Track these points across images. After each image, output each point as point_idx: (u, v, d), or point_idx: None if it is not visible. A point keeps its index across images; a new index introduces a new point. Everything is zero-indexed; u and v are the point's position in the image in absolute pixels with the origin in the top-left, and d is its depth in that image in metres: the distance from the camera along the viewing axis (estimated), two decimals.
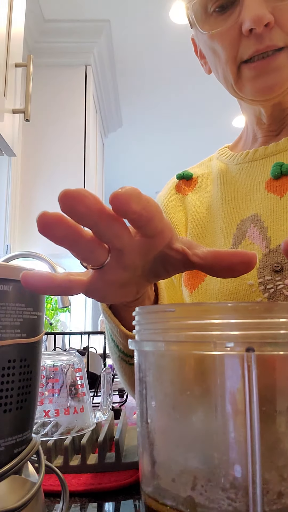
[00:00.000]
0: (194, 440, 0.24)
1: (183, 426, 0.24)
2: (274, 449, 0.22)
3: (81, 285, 0.32)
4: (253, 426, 0.20)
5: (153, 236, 0.32)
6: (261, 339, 0.22)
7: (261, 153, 0.62)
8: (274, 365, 0.23)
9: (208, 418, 0.23)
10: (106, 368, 0.66)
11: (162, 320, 0.25)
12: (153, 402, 0.25)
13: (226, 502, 0.21)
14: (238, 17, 0.53)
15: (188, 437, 0.24)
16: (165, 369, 0.26)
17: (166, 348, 0.24)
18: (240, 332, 0.22)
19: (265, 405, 0.21)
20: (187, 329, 0.23)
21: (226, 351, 0.22)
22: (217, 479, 0.22)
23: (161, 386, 0.26)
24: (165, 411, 0.25)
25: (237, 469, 0.21)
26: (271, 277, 0.54)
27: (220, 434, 0.22)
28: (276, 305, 0.23)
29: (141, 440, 0.25)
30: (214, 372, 0.23)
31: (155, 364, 0.26)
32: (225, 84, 0.60)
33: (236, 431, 0.22)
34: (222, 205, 0.64)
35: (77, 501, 0.39)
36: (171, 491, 0.23)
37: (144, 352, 0.26)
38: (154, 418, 0.25)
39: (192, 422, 0.24)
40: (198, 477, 0.22)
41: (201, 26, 0.57)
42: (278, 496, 0.21)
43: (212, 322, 0.22)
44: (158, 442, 0.24)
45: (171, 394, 0.25)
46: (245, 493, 0.21)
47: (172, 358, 0.25)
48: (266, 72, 0.54)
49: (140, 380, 0.26)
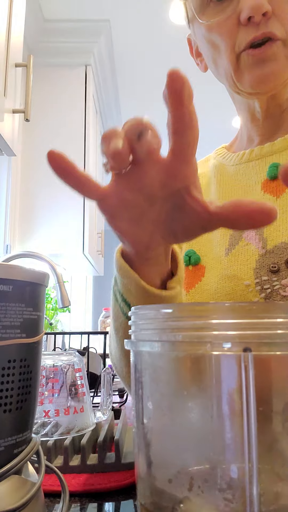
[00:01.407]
0: (191, 441, 0.24)
1: (180, 426, 0.24)
2: (270, 449, 0.22)
3: (98, 189, 0.34)
4: (250, 426, 0.20)
5: (180, 159, 0.33)
6: (258, 339, 0.22)
7: (256, 153, 0.63)
8: (271, 365, 0.23)
9: (204, 419, 0.23)
10: (106, 368, 0.66)
11: (158, 320, 0.25)
12: (150, 403, 0.25)
13: (223, 503, 0.21)
14: (237, 7, 0.54)
15: (185, 437, 0.24)
16: (162, 369, 0.26)
17: (163, 348, 0.24)
18: (237, 332, 0.22)
19: (262, 405, 0.21)
20: (183, 329, 0.23)
21: (223, 351, 0.22)
22: (214, 479, 0.22)
23: (158, 386, 0.26)
24: (162, 412, 0.25)
25: (234, 469, 0.21)
26: (268, 277, 0.54)
27: (216, 435, 0.22)
28: (273, 305, 0.23)
29: (137, 440, 0.25)
30: (211, 372, 0.23)
31: (152, 364, 0.26)
32: (224, 76, 0.60)
33: (232, 432, 0.22)
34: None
35: (77, 501, 0.39)
36: (167, 491, 0.23)
37: (140, 352, 0.26)
38: (151, 418, 0.25)
39: (188, 423, 0.24)
40: (195, 478, 0.22)
41: (200, 17, 0.58)
42: (275, 497, 0.21)
43: (208, 322, 0.22)
44: (154, 443, 0.24)
45: (167, 395, 0.25)
46: (242, 494, 0.21)
47: (169, 359, 0.25)
48: (263, 60, 0.54)
49: (136, 380, 0.26)
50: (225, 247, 0.60)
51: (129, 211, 0.36)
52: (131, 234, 0.38)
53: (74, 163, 0.33)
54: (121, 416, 0.59)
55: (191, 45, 0.68)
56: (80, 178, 0.33)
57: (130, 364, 0.28)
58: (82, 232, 2.09)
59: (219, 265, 0.59)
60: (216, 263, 0.60)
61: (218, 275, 0.58)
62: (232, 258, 0.58)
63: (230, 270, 0.57)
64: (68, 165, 0.33)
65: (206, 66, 0.65)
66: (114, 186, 0.35)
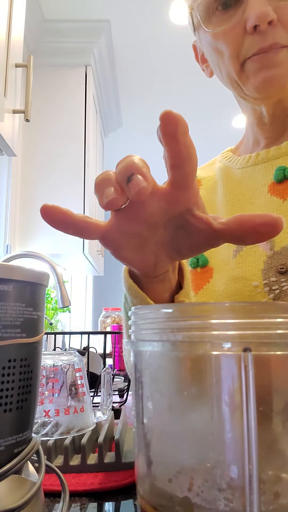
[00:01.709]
0: (191, 441, 0.24)
1: (180, 426, 0.24)
2: (270, 449, 0.22)
3: (98, 229, 0.33)
4: (250, 426, 0.20)
5: (180, 187, 0.32)
6: (258, 339, 0.22)
7: (263, 156, 0.63)
8: (271, 365, 0.23)
9: (204, 419, 0.23)
10: (106, 368, 0.66)
11: (158, 320, 0.25)
12: (150, 403, 0.25)
13: (223, 503, 0.21)
14: (242, 15, 0.54)
15: (185, 437, 0.24)
16: (162, 369, 0.26)
17: (163, 348, 0.24)
18: (237, 332, 0.22)
19: (262, 405, 0.21)
20: (183, 329, 0.23)
21: (223, 351, 0.22)
22: (214, 479, 0.22)
23: (158, 386, 0.26)
24: (162, 412, 0.25)
25: (233, 469, 0.21)
26: (276, 278, 0.55)
27: (216, 435, 0.22)
28: (273, 305, 0.23)
29: (137, 440, 0.25)
30: (211, 372, 0.23)
31: (152, 364, 0.26)
32: (229, 81, 0.60)
33: (232, 431, 0.22)
34: (226, 207, 0.64)
35: (77, 501, 0.39)
36: (167, 491, 0.23)
37: (141, 352, 0.26)
38: (151, 418, 0.25)
39: (188, 423, 0.24)
40: (195, 478, 0.22)
41: (206, 26, 0.58)
42: (275, 497, 0.21)
43: (208, 322, 0.22)
44: (154, 443, 0.24)
45: (167, 395, 0.25)
46: (242, 494, 0.21)
47: (169, 359, 0.25)
48: (267, 66, 0.55)
49: (136, 380, 0.26)
50: (232, 248, 0.60)
51: (132, 241, 0.36)
52: (137, 260, 0.37)
53: (68, 211, 0.32)
54: (121, 416, 0.59)
55: (196, 51, 0.69)
56: (79, 224, 0.32)
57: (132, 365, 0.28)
58: None
59: (227, 266, 0.59)
60: (224, 264, 0.60)
61: (226, 277, 0.59)
62: (240, 259, 0.59)
63: (238, 272, 0.58)
64: (64, 216, 0.32)
65: (211, 71, 0.66)
66: (114, 221, 0.35)
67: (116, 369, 1.13)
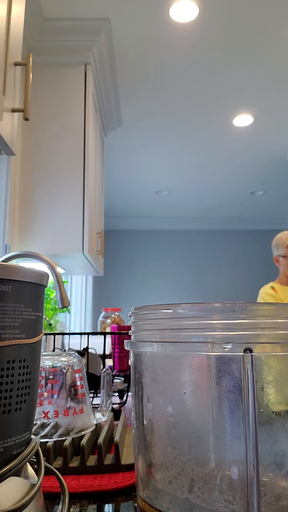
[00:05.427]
0: (191, 442, 0.23)
1: (180, 427, 0.24)
2: (271, 451, 0.22)
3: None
4: (251, 427, 0.20)
5: None
6: (258, 339, 0.22)
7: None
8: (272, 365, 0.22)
9: (205, 419, 0.23)
10: (106, 369, 0.66)
11: (158, 320, 0.25)
12: (149, 404, 0.25)
13: (223, 504, 0.21)
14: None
15: (185, 438, 0.24)
16: (162, 369, 0.26)
17: (163, 349, 0.24)
18: (237, 332, 0.22)
19: (263, 406, 0.21)
20: (183, 329, 0.23)
21: (223, 351, 0.22)
22: (214, 481, 0.21)
23: (158, 387, 0.25)
24: (162, 412, 0.25)
25: (234, 471, 0.21)
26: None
27: (217, 435, 0.22)
28: (273, 306, 0.23)
29: (137, 442, 0.25)
30: (211, 373, 0.22)
31: (151, 365, 0.26)
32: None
33: (233, 433, 0.21)
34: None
35: (77, 502, 0.39)
36: (168, 493, 0.23)
37: (140, 353, 0.26)
38: (150, 419, 0.25)
39: (189, 424, 0.24)
40: (195, 480, 0.22)
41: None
42: (276, 498, 0.21)
43: (208, 322, 0.22)
44: (154, 444, 0.24)
45: (167, 395, 0.25)
46: (243, 495, 0.20)
47: (169, 359, 0.25)
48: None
49: (136, 381, 0.26)
50: None
51: None
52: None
53: None
54: (120, 417, 0.59)
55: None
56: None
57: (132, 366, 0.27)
58: (81, 232, 2.09)
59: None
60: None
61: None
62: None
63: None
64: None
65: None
66: None
67: (116, 370, 1.13)
